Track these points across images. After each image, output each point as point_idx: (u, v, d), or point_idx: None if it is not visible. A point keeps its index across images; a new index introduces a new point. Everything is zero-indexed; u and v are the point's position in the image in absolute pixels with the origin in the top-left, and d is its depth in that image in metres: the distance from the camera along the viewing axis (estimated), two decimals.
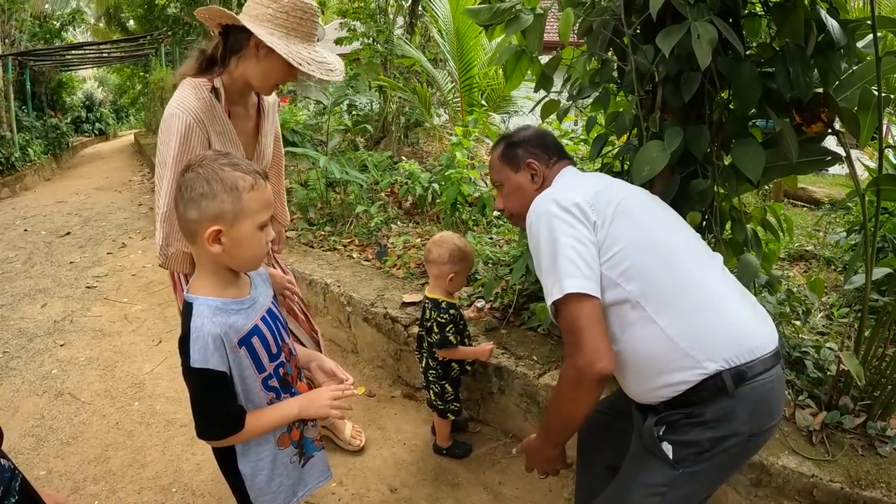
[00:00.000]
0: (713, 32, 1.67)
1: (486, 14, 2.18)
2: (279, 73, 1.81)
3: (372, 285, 3.65)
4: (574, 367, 1.36)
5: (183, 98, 1.76)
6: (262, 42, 1.72)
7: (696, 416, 1.38)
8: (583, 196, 1.50)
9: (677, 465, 1.40)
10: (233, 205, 1.30)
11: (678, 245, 1.51)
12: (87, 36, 20.51)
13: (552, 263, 1.43)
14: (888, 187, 2.13)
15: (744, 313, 1.45)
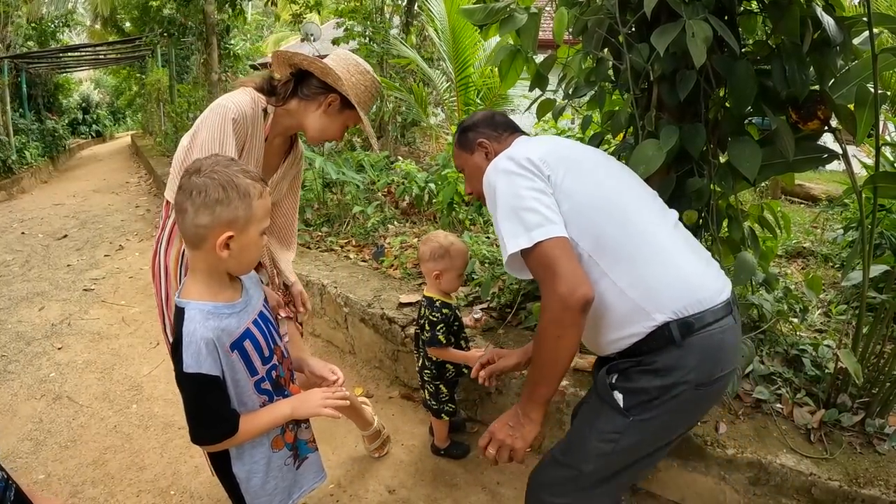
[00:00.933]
0: (708, 30, 1.67)
1: (481, 14, 2.19)
2: (335, 132, 1.95)
3: (369, 286, 3.65)
4: (556, 298, 1.36)
5: (239, 99, 1.81)
6: (336, 102, 1.88)
7: (646, 364, 1.44)
8: (535, 153, 1.55)
9: (628, 413, 1.45)
10: (245, 211, 1.31)
11: (629, 201, 1.55)
12: (83, 38, 20.49)
13: (515, 215, 1.46)
14: (885, 184, 2.13)
15: (694, 267, 1.49)
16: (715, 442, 2.11)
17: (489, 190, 1.58)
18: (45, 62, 14.71)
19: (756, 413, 2.26)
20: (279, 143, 2.04)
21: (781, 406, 2.27)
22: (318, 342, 3.78)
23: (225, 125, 1.73)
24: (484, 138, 1.80)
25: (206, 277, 1.38)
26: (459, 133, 1.86)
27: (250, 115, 1.80)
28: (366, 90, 1.91)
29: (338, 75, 1.83)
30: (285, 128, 1.98)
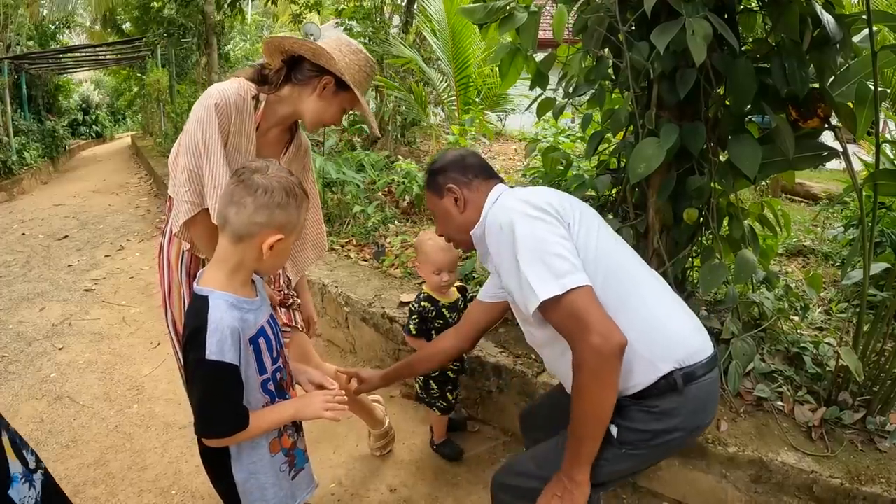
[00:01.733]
0: (708, 28, 1.67)
1: (481, 13, 2.19)
2: (333, 116, 1.90)
3: (369, 285, 3.65)
4: (592, 350, 1.31)
5: (224, 85, 1.82)
6: (331, 84, 1.83)
7: (647, 407, 1.45)
8: (548, 197, 1.55)
9: (621, 446, 1.47)
10: (297, 218, 1.41)
11: (628, 257, 1.59)
12: (82, 38, 20.47)
13: (542, 262, 1.40)
14: (885, 182, 2.13)
15: (688, 322, 1.54)
16: (716, 440, 2.11)
17: (501, 233, 1.50)
18: (44, 63, 14.70)
19: (757, 411, 2.26)
20: (276, 133, 1.99)
21: (782, 404, 2.27)
22: (319, 342, 3.78)
23: (208, 112, 1.74)
24: (453, 183, 1.73)
25: (232, 271, 1.40)
26: (429, 175, 1.81)
27: (235, 101, 1.78)
28: (360, 70, 1.86)
29: (330, 55, 1.79)
30: (281, 116, 1.93)
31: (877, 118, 2.12)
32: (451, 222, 1.75)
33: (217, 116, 1.75)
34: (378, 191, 5.39)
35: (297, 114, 1.93)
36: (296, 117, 1.96)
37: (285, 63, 1.88)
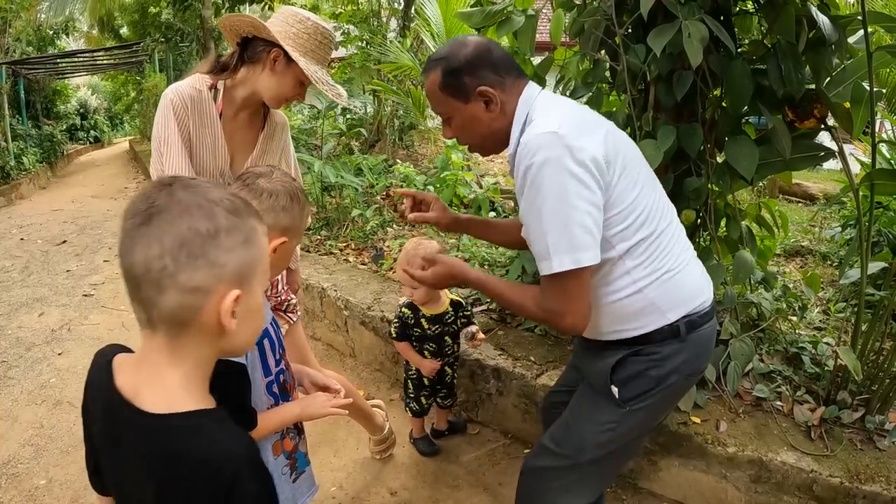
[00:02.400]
0: (704, 31, 1.68)
1: (479, 16, 2.20)
2: (290, 89, 1.86)
3: (368, 289, 3.65)
4: (558, 321, 1.41)
5: (179, 83, 1.85)
6: (280, 56, 1.80)
7: (645, 354, 1.48)
8: (596, 146, 1.37)
9: (624, 405, 1.50)
10: (301, 222, 1.41)
11: (661, 206, 1.53)
12: (80, 43, 20.47)
13: (565, 228, 1.33)
14: (882, 182, 2.14)
15: (700, 271, 1.57)
16: (716, 440, 2.12)
17: (531, 177, 1.35)
18: (42, 68, 14.70)
19: (756, 411, 2.27)
20: (245, 117, 1.98)
21: (781, 404, 2.28)
22: (319, 345, 3.77)
23: (163, 112, 1.79)
24: (486, 85, 1.47)
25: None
26: (445, 74, 1.48)
27: (189, 95, 1.81)
28: (309, 38, 1.81)
29: (267, 27, 1.79)
30: (242, 99, 1.92)
31: (872, 118, 2.12)
32: (477, 130, 1.53)
33: (174, 114, 1.78)
34: (376, 194, 5.40)
35: (255, 93, 1.90)
36: (256, 97, 1.92)
37: (239, 45, 1.88)
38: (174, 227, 0.79)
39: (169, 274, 0.79)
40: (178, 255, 0.79)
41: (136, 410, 0.85)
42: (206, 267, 0.81)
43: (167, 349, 0.85)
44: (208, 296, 0.82)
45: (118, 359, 0.94)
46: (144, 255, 0.79)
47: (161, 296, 0.80)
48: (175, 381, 0.86)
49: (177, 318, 0.82)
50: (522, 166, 1.37)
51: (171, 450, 0.84)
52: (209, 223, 0.81)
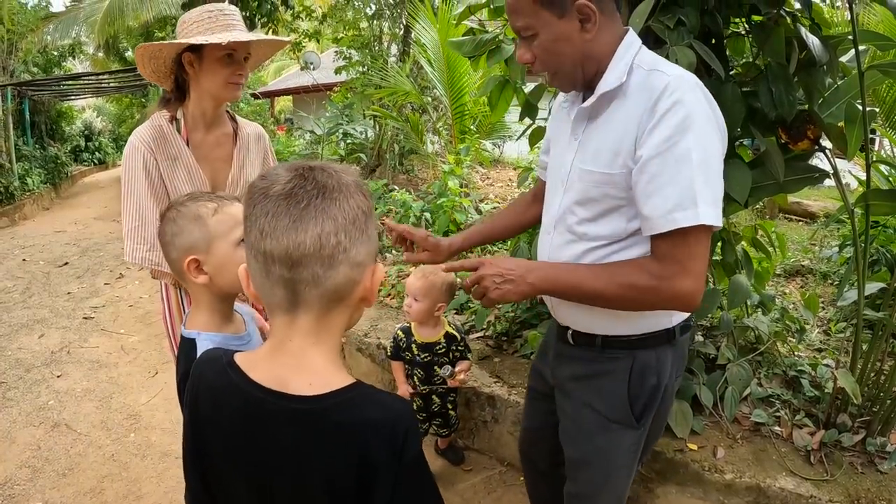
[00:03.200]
0: (692, 57, 1.68)
1: (470, 46, 2.21)
2: (222, 70, 1.81)
3: (365, 315, 3.64)
4: (677, 290, 1.22)
5: (138, 130, 1.87)
6: (191, 54, 1.79)
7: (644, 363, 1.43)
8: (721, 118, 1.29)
9: (638, 424, 1.47)
10: (201, 232, 1.32)
11: None
12: (86, 65, 20.67)
13: (709, 178, 1.20)
14: (877, 202, 2.13)
15: None
16: (713, 467, 2.09)
17: (678, 111, 1.19)
18: (48, 90, 14.85)
19: (755, 436, 2.25)
20: (220, 135, 1.98)
21: (780, 429, 2.26)
22: None
23: (132, 162, 1.82)
24: (588, 1, 1.24)
25: (207, 308, 1.38)
26: None
27: (150, 135, 1.83)
28: (199, 22, 1.78)
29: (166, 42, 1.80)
30: (202, 114, 1.91)
31: (866, 138, 2.13)
32: (566, 52, 1.29)
33: (141, 159, 1.81)
34: (375, 220, 5.40)
35: (206, 101, 1.89)
36: (211, 103, 1.90)
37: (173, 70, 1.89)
38: (346, 204, 0.83)
39: (343, 248, 0.82)
40: (350, 231, 0.83)
41: (294, 398, 0.85)
42: (367, 242, 0.86)
43: (314, 329, 0.87)
44: (365, 270, 0.87)
45: (241, 357, 0.94)
46: (318, 232, 0.80)
47: (331, 271, 0.83)
48: (322, 360, 0.88)
49: (339, 293, 0.85)
50: (667, 100, 1.19)
51: (345, 423, 0.85)
52: (366, 202, 0.87)
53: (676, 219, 1.18)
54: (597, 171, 1.32)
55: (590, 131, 1.36)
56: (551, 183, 1.53)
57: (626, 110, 1.27)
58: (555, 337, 1.62)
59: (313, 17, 7.79)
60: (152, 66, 1.86)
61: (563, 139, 1.48)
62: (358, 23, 7.47)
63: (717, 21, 2.07)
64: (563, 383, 1.58)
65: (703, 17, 1.99)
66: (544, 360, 1.70)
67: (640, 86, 1.26)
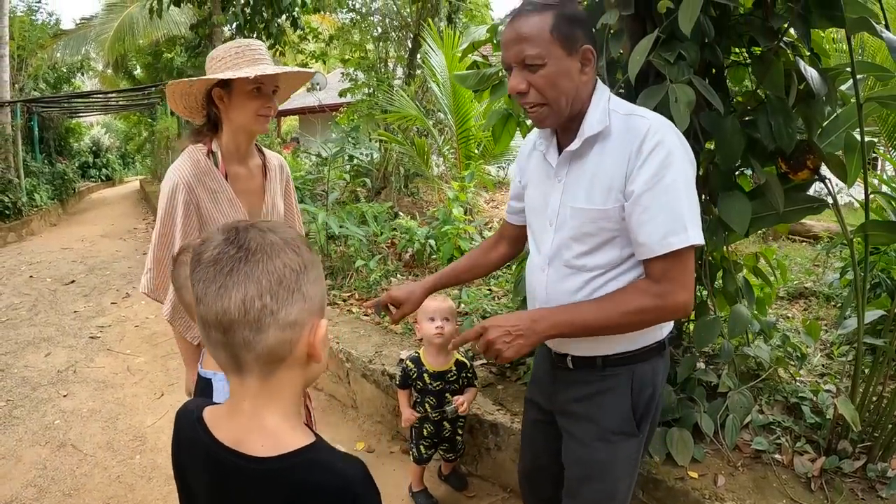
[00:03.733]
0: (691, 94, 1.72)
1: (473, 80, 2.26)
2: (245, 103, 1.85)
3: (370, 341, 3.68)
4: (673, 303, 1.37)
5: (176, 163, 1.89)
6: (220, 89, 1.84)
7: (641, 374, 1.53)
8: None
9: (638, 432, 1.55)
10: None
11: None
12: (95, 82, 20.91)
13: (692, 205, 1.37)
14: (876, 232, 2.16)
15: None
16: (713, 495, 2.10)
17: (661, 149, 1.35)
18: (56, 107, 15.00)
19: (755, 464, 2.25)
20: (252, 166, 2.03)
21: (781, 456, 2.27)
22: (321, 396, 3.78)
23: (172, 201, 1.84)
24: (592, 47, 1.42)
25: None
26: (561, 19, 1.38)
27: (193, 172, 1.86)
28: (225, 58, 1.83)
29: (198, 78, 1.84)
30: (236, 147, 1.96)
31: (864, 168, 2.16)
32: (565, 87, 1.40)
33: (183, 195, 1.83)
34: (381, 244, 5.46)
35: (238, 137, 1.93)
36: (243, 136, 1.95)
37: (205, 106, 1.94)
38: (271, 265, 0.82)
39: (270, 311, 0.81)
40: (277, 292, 0.82)
41: (248, 458, 0.86)
42: (301, 301, 0.84)
43: (263, 390, 0.87)
44: (303, 328, 0.86)
45: (208, 413, 0.95)
46: (241, 297, 0.80)
47: (260, 335, 0.82)
48: (275, 420, 0.88)
49: (274, 355, 0.85)
50: (650, 141, 1.35)
51: (293, 488, 0.86)
52: (299, 258, 0.85)
53: (671, 242, 1.33)
54: (591, 208, 1.44)
55: (575, 172, 1.48)
56: (537, 224, 1.62)
57: (613, 151, 1.41)
58: (549, 364, 1.68)
59: (320, 39, 7.89)
60: (184, 102, 1.93)
61: (542, 181, 1.59)
62: (364, 44, 7.56)
63: (717, 54, 2.11)
64: (565, 406, 1.64)
65: (703, 51, 2.03)
66: (538, 389, 1.79)
67: (621, 129, 1.41)
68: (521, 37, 1.38)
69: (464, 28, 7.87)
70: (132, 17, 15.13)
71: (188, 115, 1.98)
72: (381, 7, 7.99)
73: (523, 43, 1.38)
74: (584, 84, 1.43)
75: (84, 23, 16.57)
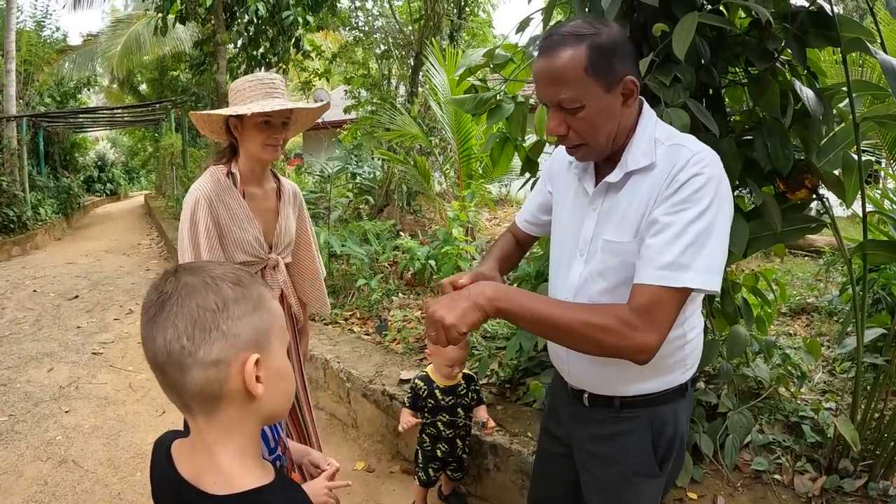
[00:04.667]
0: (686, 119, 1.73)
1: (471, 104, 2.28)
2: (254, 134, 1.98)
3: (371, 361, 3.69)
4: (634, 333, 1.20)
5: (200, 182, 2.03)
6: (231, 119, 1.98)
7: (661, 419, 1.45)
8: None
9: (662, 473, 1.48)
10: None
11: None
12: (101, 97, 21.08)
13: (708, 247, 1.21)
14: (874, 251, 2.16)
15: None
16: None
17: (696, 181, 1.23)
18: (62, 121, 15.12)
19: (755, 484, 2.25)
20: (268, 189, 2.17)
21: (781, 476, 2.26)
22: (322, 415, 3.79)
23: (196, 214, 1.96)
24: (634, 76, 1.27)
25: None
26: (594, 52, 1.24)
27: (214, 189, 1.99)
28: (241, 91, 1.97)
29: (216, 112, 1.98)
30: (251, 171, 2.09)
31: (862, 187, 2.16)
32: (605, 126, 1.29)
33: (205, 210, 1.95)
34: (382, 262, 5.48)
35: (251, 163, 2.07)
36: (257, 166, 2.09)
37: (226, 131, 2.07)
38: (184, 308, 0.82)
39: (188, 353, 0.82)
40: (192, 334, 0.82)
41: (203, 494, 0.86)
42: (221, 339, 0.83)
43: (213, 429, 0.87)
44: (230, 366, 0.84)
45: (175, 445, 0.96)
46: (163, 340, 0.82)
47: (186, 376, 0.83)
48: (228, 459, 0.88)
49: (205, 395, 0.84)
50: (688, 171, 1.24)
51: None
52: (216, 297, 0.84)
53: (665, 276, 1.20)
54: (617, 240, 1.34)
55: (612, 203, 1.37)
56: (564, 249, 1.51)
57: (650, 183, 1.30)
58: (566, 399, 1.60)
59: (323, 58, 7.95)
60: (208, 128, 2.09)
61: (575, 206, 1.48)
62: (367, 62, 7.61)
63: (713, 75, 2.11)
64: (583, 443, 1.57)
65: (699, 72, 2.04)
66: (555, 421, 1.70)
67: (663, 160, 1.29)
68: (554, 77, 1.26)
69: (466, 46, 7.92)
70: (138, 34, 15.29)
71: (217, 137, 2.14)
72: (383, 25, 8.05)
73: (558, 85, 1.26)
74: (626, 116, 1.32)
75: (91, 39, 16.74)
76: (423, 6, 7.70)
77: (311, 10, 7.10)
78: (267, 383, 0.87)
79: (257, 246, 2.07)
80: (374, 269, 5.37)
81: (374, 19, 8.46)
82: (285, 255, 2.23)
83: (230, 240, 2.02)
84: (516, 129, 2.27)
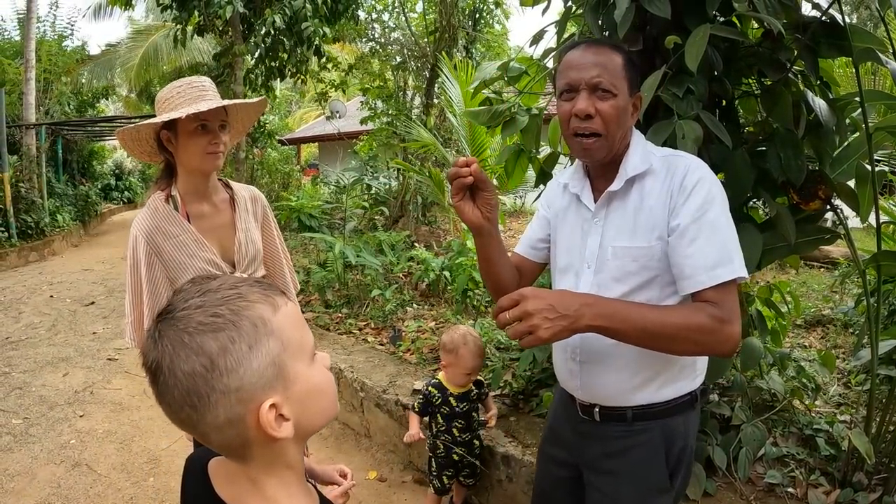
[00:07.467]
0: (698, 131, 1.73)
1: (485, 116, 2.29)
2: (191, 142, 1.80)
3: (385, 371, 3.70)
4: (727, 328, 1.27)
5: (139, 217, 1.87)
6: (163, 132, 1.80)
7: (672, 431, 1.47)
8: None
9: (672, 487, 1.49)
10: None
11: None
12: (118, 106, 21.32)
13: (735, 239, 1.35)
14: (888, 263, 2.14)
15: None
16: None
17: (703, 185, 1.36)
18: (81, 130, 15.29)
19: (769, 497, 2.23)
20: (218, 202, 1.97)
21: (795, 489, 2.24)
22: (335, 424, 3.80)
23: (135, 252, 1.82)
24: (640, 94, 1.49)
25: None
26: (629, 61, 1.42)
27: (151, 222, 1.83)
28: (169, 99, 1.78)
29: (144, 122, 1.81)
30: (194, 188, 1.91)
31: (876, 198, 2.14)
32: (623, 122, 1.41)
33: (143, 247, 1.80)
34: (397, 273, 5.50)
35: (193, 178, 1.89)
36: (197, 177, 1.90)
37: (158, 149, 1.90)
38: (173, 378, 0.76)
39: (195, 422, 0.77)
40: (192, 402, 0.75)
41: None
42: (223, 398, 0.75)
43: (249, 467, 0.83)
44: (244, 420, 0.77)
45: (213, 466, 0.90)
46: (169, 409, 0.78)
47: (205, 438, 0.79)
48: (274, 491, 0.83)
49: (231, 449, 0.80)
50: (692, 177, 1.36)
51: None
52: (199, 358, 0.75)
53: (719, 274, 1.30)
54: (635, 246, 1.42)
55: (616, 212, 1.46)
56: (570, 265, 1.55)
57: (655, 189, 1.41)
58: (573, 418, 1.60)
59: (339, 69, 8.00)
60: (139, 148, 1.90)
61: (577, 223, 1.55)
62: (384, 73, 7.65)
63: (726, 86, 2.12)
64: (594, 462, 1.56)
65: (712, 84, 2.04)
66: (558, 443, 1.69)
67: (661, 168, 1.42)
68: (599, 63, 1.38)
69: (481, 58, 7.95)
70: (157, 45, 15.48)
71: (148, 160, 1.97)
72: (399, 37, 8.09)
73: (601, 69, 1.37)
74: (629, 126, 1.46)
75: (110, 49, 16.96)
76: (438, 18, 7.77)
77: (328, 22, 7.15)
78: (297, 410, 0.80)
79: (213, 269, 1.87)
80: (388, 279, 5.39)
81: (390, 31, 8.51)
82: (253, 269, 2.01)
83: (180, 271, 1.84)
84: (531, 141, 2.28)
